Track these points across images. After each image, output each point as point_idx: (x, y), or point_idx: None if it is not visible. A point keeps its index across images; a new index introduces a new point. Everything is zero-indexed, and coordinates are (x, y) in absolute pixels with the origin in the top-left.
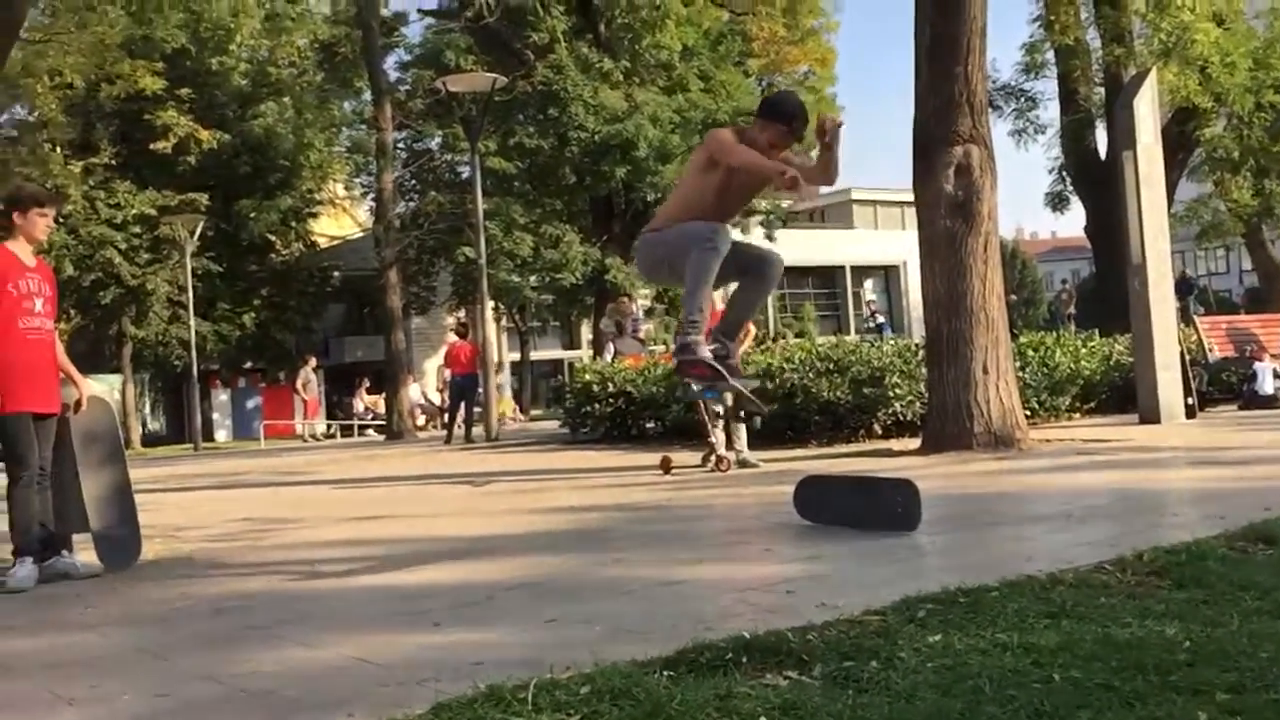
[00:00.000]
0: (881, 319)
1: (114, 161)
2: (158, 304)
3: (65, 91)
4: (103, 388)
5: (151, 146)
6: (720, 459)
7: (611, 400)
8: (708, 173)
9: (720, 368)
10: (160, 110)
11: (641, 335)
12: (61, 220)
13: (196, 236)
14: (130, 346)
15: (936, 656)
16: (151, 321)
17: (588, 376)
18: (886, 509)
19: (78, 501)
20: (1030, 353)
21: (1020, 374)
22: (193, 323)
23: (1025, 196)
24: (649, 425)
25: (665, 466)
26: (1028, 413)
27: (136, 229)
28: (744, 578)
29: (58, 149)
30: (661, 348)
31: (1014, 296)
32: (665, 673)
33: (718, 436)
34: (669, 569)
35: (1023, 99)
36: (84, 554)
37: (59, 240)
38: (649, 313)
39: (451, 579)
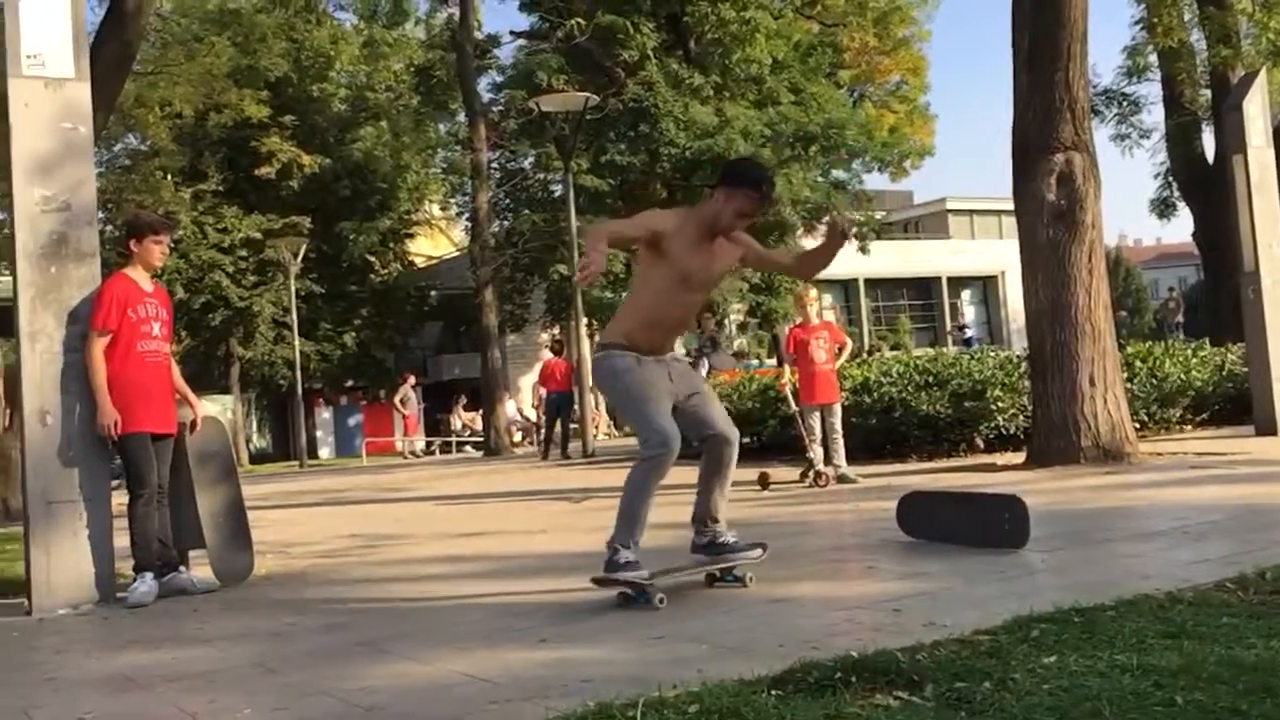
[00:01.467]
0: (970, 332)
1: (221, 188)
2: (263, 325)
3: (175, 121)
4: (216, 408)
5: (256, 172)
6: (819, 474)
7: None
8: (651, 266)
9: (645, 585)
10: (265, 137)
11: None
12: (174, 246)
13: (299, 258)
14: (238, 366)
15: (1052, 678)
16: (258, 342)
17: None
18: (993, 525)
19: (193, 518)
20: (1138, 363)
21: (1128, 385)
22: (297, 343)
23: (1129, 202)
24: (745, 440)
25: (763, 482)
26: (1137, 425)
27: (243, 252)
28: (848, 595)
29: (168, 176)
30: (755, 362)
31: (1124, 312)
32: (773, 692)
33: (816, 452)
34: (772, 586)
35: (1125, 103)
36: (199, 570)
37: (171, 265)
38: (742, 328)
39: (555, 595)
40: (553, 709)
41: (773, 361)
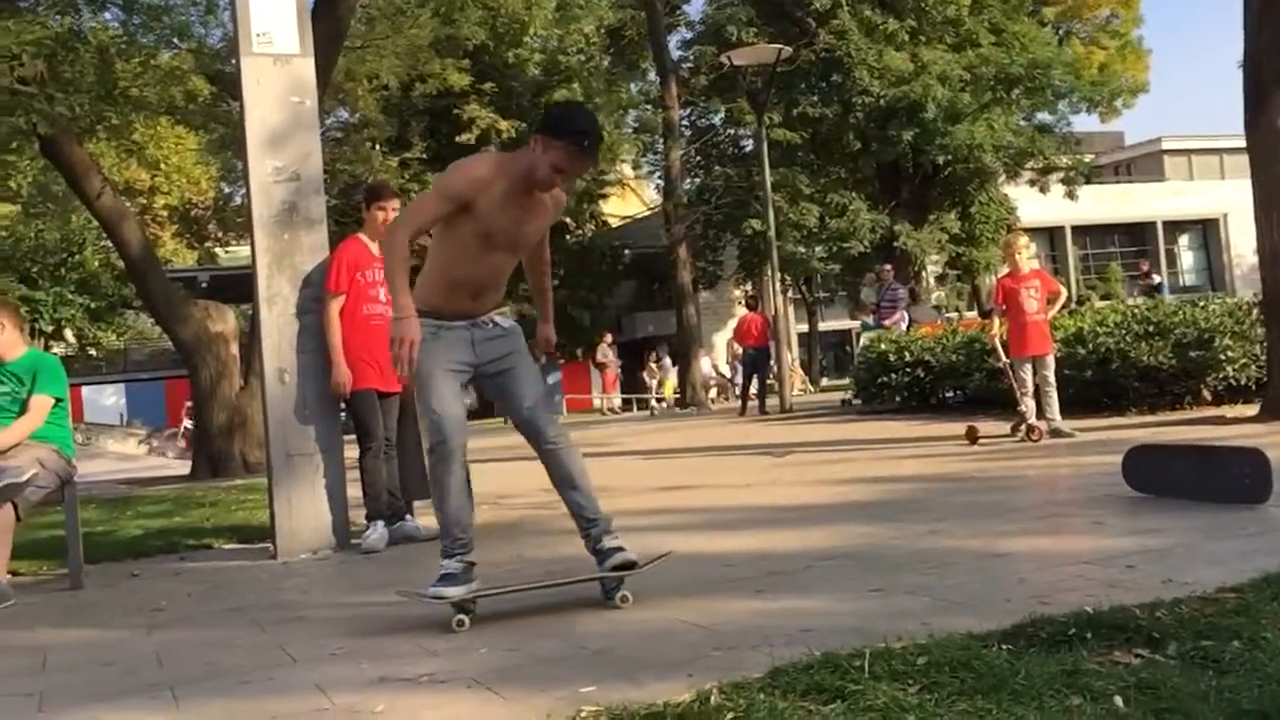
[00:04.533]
0: (1157, 278)
1: (425, 155)
2: None
3: (382, 93)
4: None
5: (457, 139)
6: (1031, 428)
7: (909, 370)
8: (450, 221)
9: (471, 603)
10: (465, 104)
11: (899, 304)
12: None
13: None
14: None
15: None
16: None
17: (883, 346)
18: (1230, 480)
19: (420, 470)
20: None
21: None
22: None
23: None
24: (948, 395)
25: (972, 436)
26: None
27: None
28: (1075, 550)
29: (377, 146)
30: (955, 315)
31: None
32: (1004, 646)
33: (1028, 404)
34: (992, 540)
35: None
36: (424, 519)
37: None
38: (940, 280)
39: (767, 547)
40: (778, 656)
41: (972, 314)
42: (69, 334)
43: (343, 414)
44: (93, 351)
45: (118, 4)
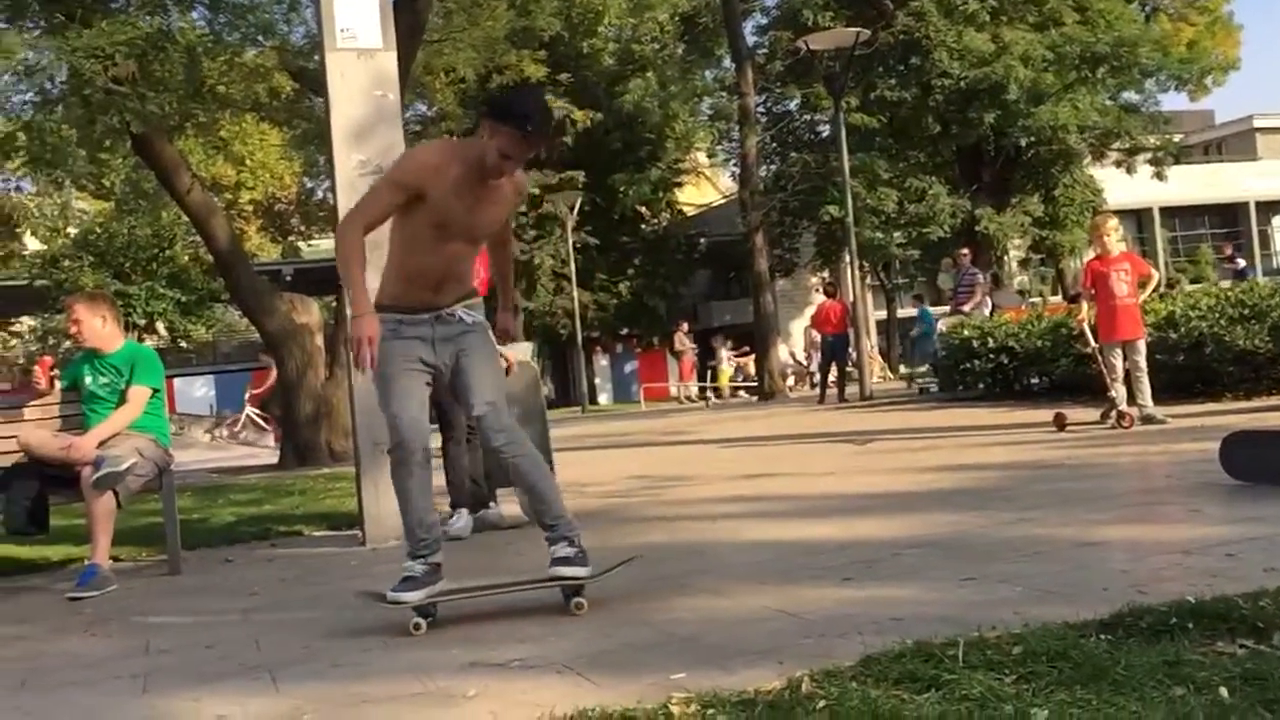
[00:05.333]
0: (1242, 262)
1: None
2: (544, 277)
3: (459, 85)
4: (521, 355)
5: None
6: (1122, 414)
7: (992, 356)
8: (404, 210)
9: (432, 607)
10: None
11: (978, 289)
12: None
13: (575, 212)
14: (522, 317)
15: None
16: (539, 293)
17: (966, 332)
18: None
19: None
20: None
21: None
22: (575, 293)
23: None
24: (1033, 381)
25: (1059, 423)
26: None
27: (523, 208)
28: (1172, 539)
29: (454, 138)
30: (1039, 300)
31: None
32: (1102, 636)
33: (1118, 391)
34: (1084, 529)
35: None
36: (507, 506)
37: None
38: (1023, 264)
39: (851, 535)
40: (868, 645)
41: (1056, 299)
42: (160, 327)
43: None
44: (183, 344)
45: (204, 3)
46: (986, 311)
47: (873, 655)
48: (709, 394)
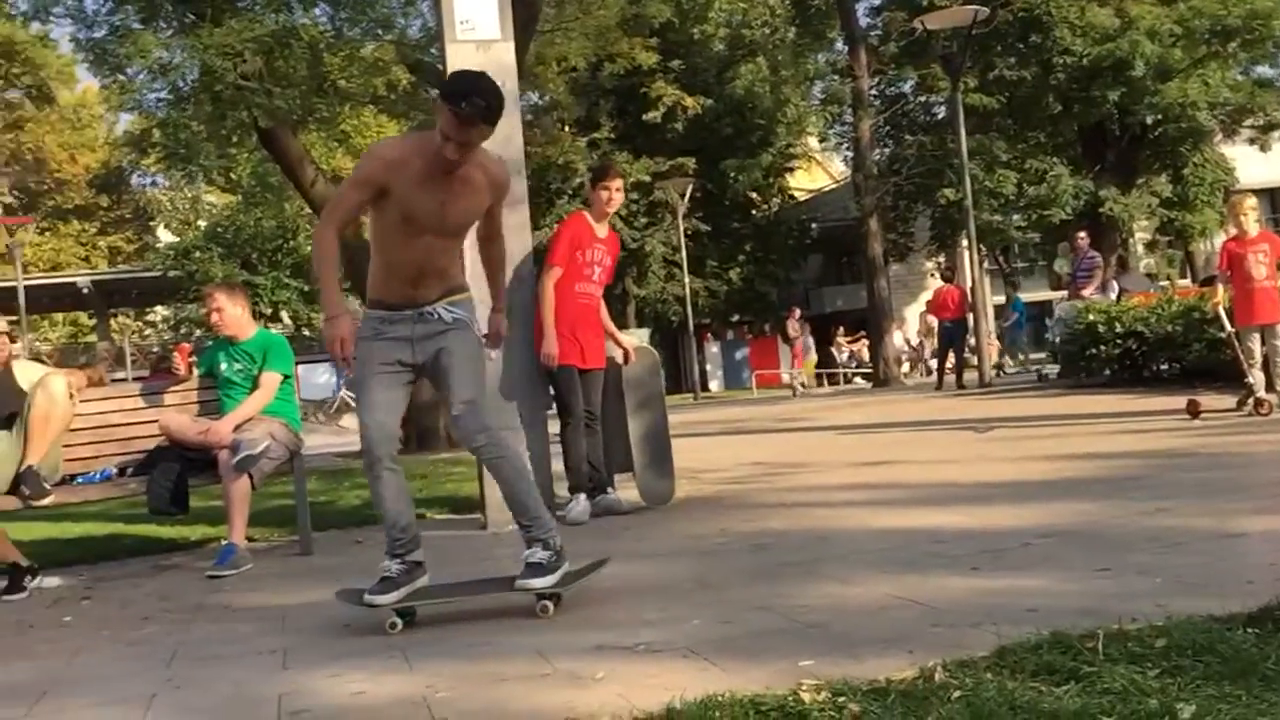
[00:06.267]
0: None
1: (613, 135)
2: (655, 264)
3: (570, 75)
4: (639, 341)
5: (644, 117)
6: (1260, 401)
7: (1119, 341)
8: (375, 206)
9: (411, 610)
10: (651, 83)
11: (1097, 273)
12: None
13: (686, 199)
14: (633, 304)
15: None
16: (650, 280)
17: (1092, 317)
18: None
19: (623, 443)
20: None
21: None
22: (686, 280)
23: None
24: (1163, 367)
25: (1194, 410)
26: None
27: (634, 195)
28: None
29: (566, 128)
30: (1166, 283)
31: None
32: (1249, 630)
33: (1255, 377)
34: (1224, 520)
35: None
36: (624, 491)
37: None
38: (1150, 246)
39: (977, 524)
40: (1002, 635)
41: (1185, 282)
42: (285, 316)
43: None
44: (306, 332)
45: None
46: (1114, 295)
47: (1007, 646)
48: (796, 383)
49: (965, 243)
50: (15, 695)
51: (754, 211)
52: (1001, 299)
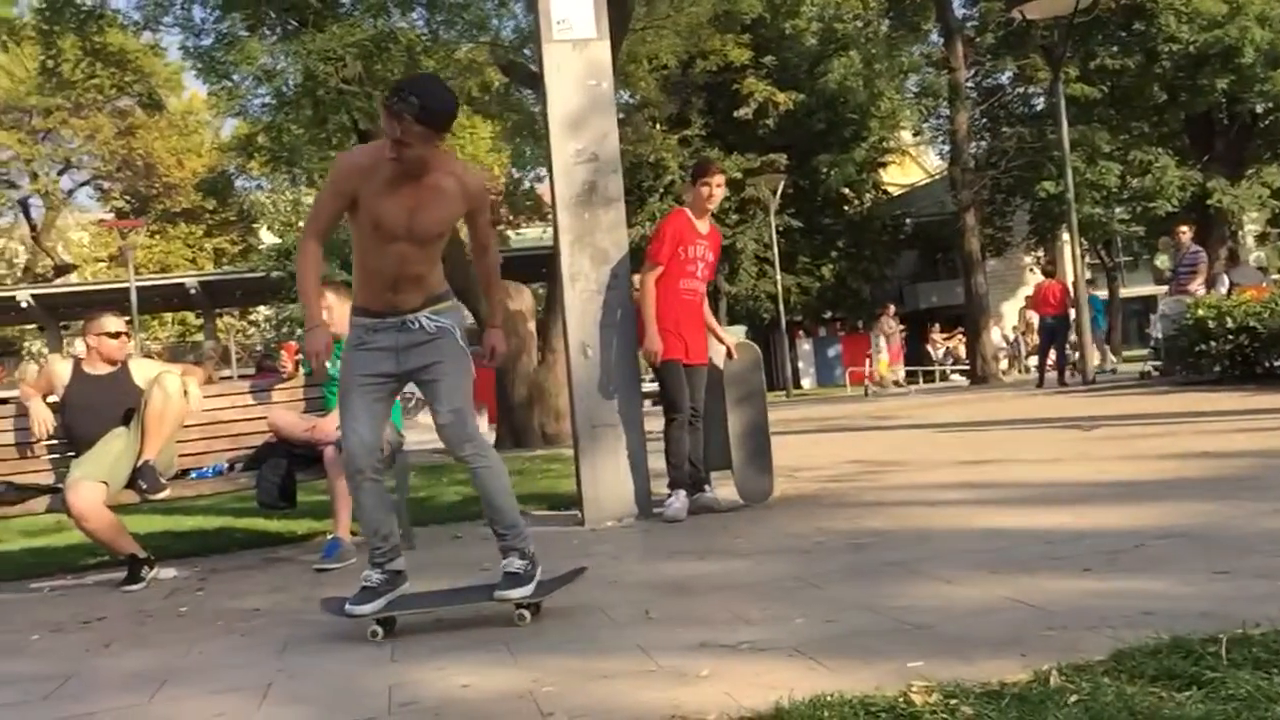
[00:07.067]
0: None
1: (704, 132)
2: (746, 261)
3: (660, 72)
4: (738, 337)
5: (735, 114)
6: None
7: (1230, 337)
8: (354, 219)
9: (391, 619)
10: (743, 79)
11: (1201, 268)
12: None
13: (778, 195)
14: (725, 301)
15: None
16: (741, 278)
17: (1201, 312)
18: None
19: (722, 440)
20: None
21: None
22: (778, 277)
23: None
24: (1277, 363)
25: None
26: None
27: (725, 192)
28: None
29: (657, 125)
30: (1277, 275)
31: None
32: None
33: None
34: None
35: None
36: (722, 489)
37: (664, 209)
38: (1261, 239)
39: (1087, 524)
40: (1119, 639)
41: None
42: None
43: (646, 383)
44: None
45: (423, 3)
46: (1224, 289)
47: (1125, 650)
48: (867, 383)
49: (1066, 237)
50: (137, 683)
51: (846, 207)
52: (1105, 294)
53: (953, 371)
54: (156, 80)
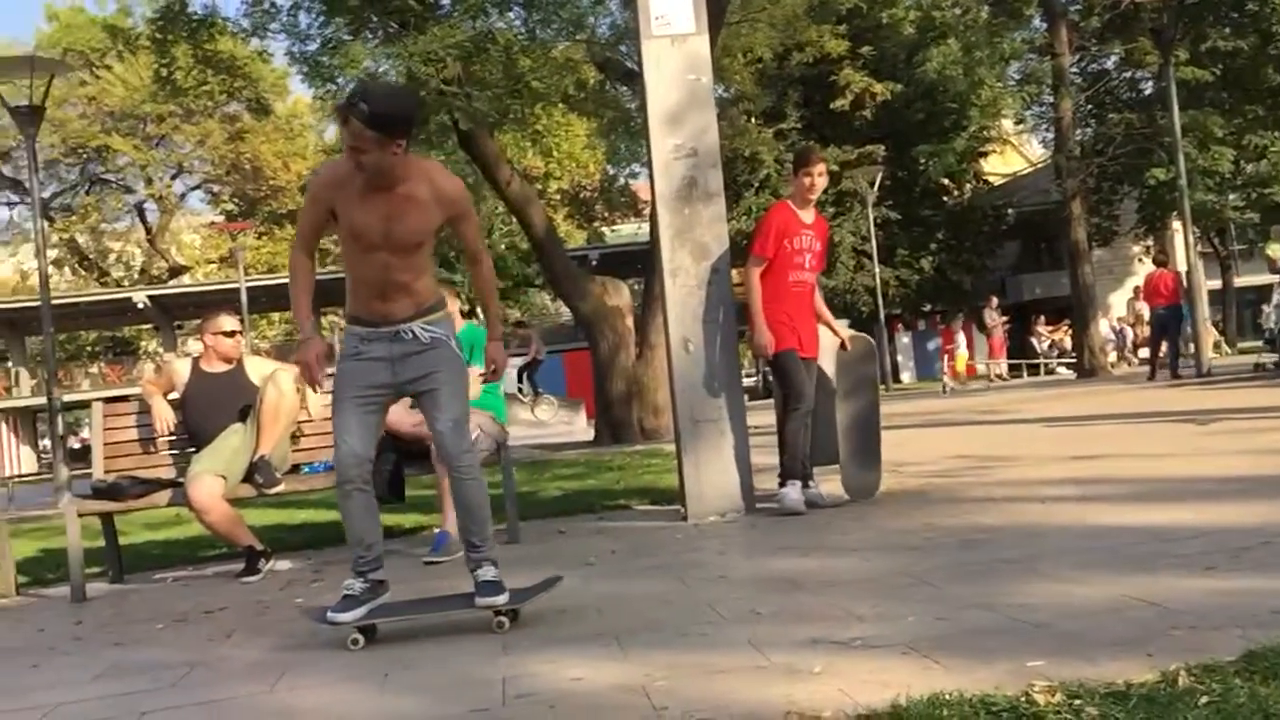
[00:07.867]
0: None
1: (800, 124)
2: (844, 254)
3: (755, 65)
4: (848, 330)
5: (831, 106)
6: None
7: None
8: (338, 229)
9: (372, 627)
10: (840, 70)
11: None
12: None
13: (876, 187)
14: (822, 295)
15: None
16: (839, 271)
17: None
18: None
19: (829, 435)
20: None
21: None
22: (876, 269)
23: None
24: None
25: None
26: None
27: (828, 181)
28: None
29: (752, 119)
30: None
31: None
32: None
33: None
34: None
35: None
36: (826, 485)
37: (761, 202)
38: None
39: (1208, 521)
40: (1249, 639)
41: None
42: (480, 311)
43: (747, 379)
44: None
45: (520, 3)
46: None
47: (1256, 650)
48: (945, 378)
49: (1177, 225)
50: (259, 671)
51: (946, 198)
52: (1218, 284)
53: (1058, 365)
54: (263, 85)
